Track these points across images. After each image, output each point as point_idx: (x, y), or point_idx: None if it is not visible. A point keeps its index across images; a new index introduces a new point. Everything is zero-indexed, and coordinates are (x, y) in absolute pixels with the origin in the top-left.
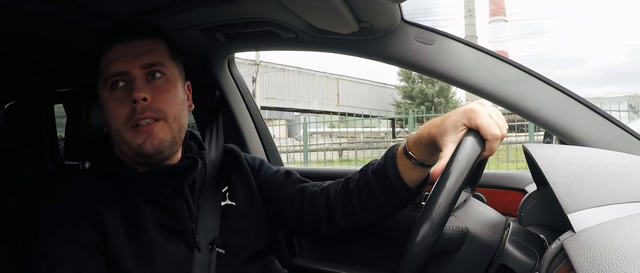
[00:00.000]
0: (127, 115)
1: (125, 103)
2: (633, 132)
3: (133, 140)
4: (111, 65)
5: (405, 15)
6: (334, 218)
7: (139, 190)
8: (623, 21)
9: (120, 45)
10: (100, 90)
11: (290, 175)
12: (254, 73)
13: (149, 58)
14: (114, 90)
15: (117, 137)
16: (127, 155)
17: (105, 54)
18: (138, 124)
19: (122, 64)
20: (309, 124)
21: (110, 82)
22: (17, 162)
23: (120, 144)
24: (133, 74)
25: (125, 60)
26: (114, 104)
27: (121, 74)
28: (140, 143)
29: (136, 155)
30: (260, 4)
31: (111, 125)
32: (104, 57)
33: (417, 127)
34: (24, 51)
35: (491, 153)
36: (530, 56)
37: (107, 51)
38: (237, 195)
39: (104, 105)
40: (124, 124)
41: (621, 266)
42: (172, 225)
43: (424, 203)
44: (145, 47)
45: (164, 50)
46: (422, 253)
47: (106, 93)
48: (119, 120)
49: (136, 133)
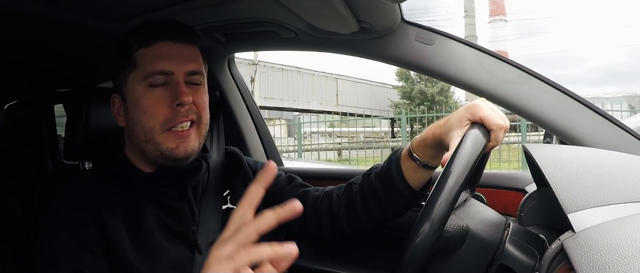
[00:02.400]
0: (167, 116)
1: (165, 104)
2: (633, 132)
3: (165, 142)
4: (156, 62)
5: (405, 15)
6: (337, 222)
7: (143, 191)
8: (621, 21)
9: (166, 44)
10: (133, 82)
11: (293, 180)
12: (252, 73)
13: (193, 65)
14: (153, 87)
15: (145, 136)
16: (149, 155)
17: (147, 48)
18: (174, 127)
19: (168, 63)
20: (307, 123)
21: (151, 79)
22: (17, 162)
23: (145, 143)
24: (177, 77)
25: (172, 60)
26: (152, 102)
27: (166, 74)
28: (172, 147)
29: (162, 157)
30: (260, 4)
31: (142, 123)
32: (143, 50)
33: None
34: (24, 53)
35: (497, 143)
36: (528, 56)
37: (150, 45)
38: (239, 199)
39: (138, 99)
40: (161, 125)
41: (621, 266)
42: (174, 227)
43: (424, 203)
44: (189, 52)
45: (201, 58)
46: (423, 252)
47: (142, 88)
48: (156, 120)
49: (170, 136)
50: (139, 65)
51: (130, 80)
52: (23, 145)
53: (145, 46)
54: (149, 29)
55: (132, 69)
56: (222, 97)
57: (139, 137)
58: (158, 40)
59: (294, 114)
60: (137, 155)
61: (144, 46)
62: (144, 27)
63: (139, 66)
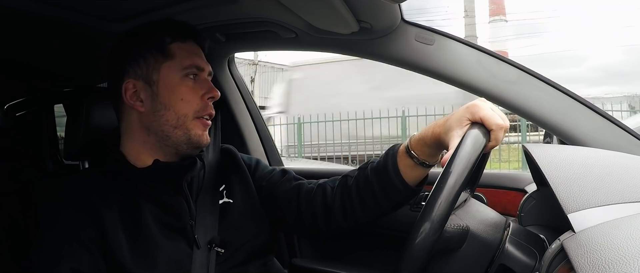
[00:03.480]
0: (199, 105)
1: (197, 95)
2: (633, 132)
3: (194, 129)
4: (192, 57)
5: (405, 15)
6: (332, 215)
7: (140, 188)
8: (621, 21)
9: (193, 44)
10: (169, 70)
11: (286, 173)
12: (252, 73)
13: (211, 68)
14: (188, 78)
15: (177, 121)
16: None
17: (183, 43)
18: (202, 117)
19: (200, 61)
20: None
21: (188, 70)
22: (17, 162)
23: (173, 128)
24: (205, 74)
25: (201, 59)
26: (189, 90)
27: (200, 69)
28: (199, 134)
29: (189, 142)
30: (260, 4)
31: (177, 109)
32: (179, 44)
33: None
34: (24, 53)
35: (497, 143)
36: (527, 56)
37: (185, 41)
38: (235, 194)
39: (175, 87)
40: (194, 112)
41: (621, 266)
42: (172, 223)
43: (424, 203)
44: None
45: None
46: (423, 252)
47: (179, 77)
48: (190, 107)
49: (200, 124)
50: (175, 57)
51: (165, 69)
52: (23, 145)
53: (181, 41)
54: (180, 26)
55: (168, 59)
56: (222, 97)
57: (169, 122)
58: (190, 39)
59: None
60: (137, 147)
61: (180, 41)
62: (173, 23)
63: (176, 57)
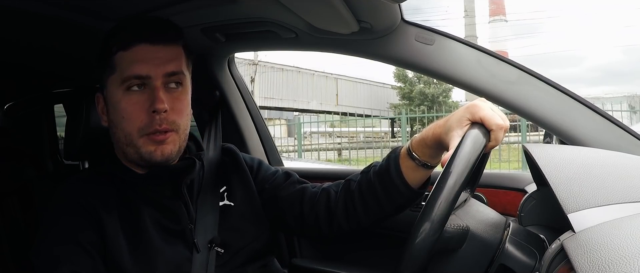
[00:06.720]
0: (144, 122)
1: (143, 109)
2: (633, 132)
3: (144, 147)
4: (132, 66)
5: (405, 15)
6: (335, 218)
7: (138, 191)
8: (620, 21)
9: (144, 47)
10: (112, 85)
11: (290, 176)
12: (252, 73)
13: (172, 66)
14: (130, 92)
15: (125, 139)
16: (131, 158)
17: (125, 51)
18: (151, 133)
19: (145, 67)
20: (307, 123)
21: (128, 83)
22: (17, 162)
23: (126, 146)
24: (155, 81)
25: (148, 63)
26: (130, 107)
27: (143, 78)
28: (151, 151)
29: (142, 160)
30: (260, 4)
31: (121, 127)
32: (121, 54)
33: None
34: (24, 53)
35: (496, 143)
36: (527, 56)
37: (128, 49)
38: (236, 196)
39: (117, 104)
40: (139, 130)
41: (621, 266)
42: (171, 226)
43: (424, 203)
44: (169, 54)
45: (184, 58)
46: (423, 252)
47: (120, 92)
48: (133, 125)
49: (148, 141)
50: (116, 69)
51: (109, 84)
52: (23, 145)
53: (123, 49)
54: (127, 31)
55: (111, 73)
56: (222, 97)
57: (120, 140)
58: (136, 44)
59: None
60: (126, 158)
61: (122, 49)
62: (122, 29)
63: (117, 70)
